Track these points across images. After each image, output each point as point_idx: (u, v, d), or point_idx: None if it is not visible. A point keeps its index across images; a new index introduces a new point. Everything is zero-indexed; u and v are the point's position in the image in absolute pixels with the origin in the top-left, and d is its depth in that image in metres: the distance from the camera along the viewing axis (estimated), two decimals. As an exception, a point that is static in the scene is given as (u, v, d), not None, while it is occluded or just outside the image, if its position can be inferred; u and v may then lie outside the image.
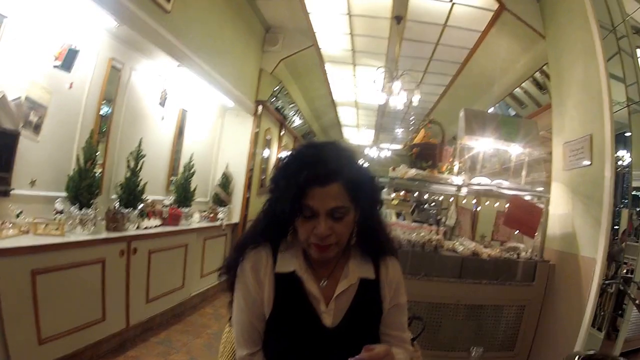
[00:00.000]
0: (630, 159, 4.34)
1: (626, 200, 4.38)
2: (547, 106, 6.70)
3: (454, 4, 6.48)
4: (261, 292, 1.61)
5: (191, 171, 6.26)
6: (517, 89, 8.23)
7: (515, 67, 7.73)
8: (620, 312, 4.22)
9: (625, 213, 4.33)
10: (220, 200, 7.61)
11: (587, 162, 4.45)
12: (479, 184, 4.95)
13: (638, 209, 4.50)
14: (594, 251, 4.18)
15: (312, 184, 1.48)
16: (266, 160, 9.66)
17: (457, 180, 4.92)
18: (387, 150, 17.22)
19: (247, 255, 1.66)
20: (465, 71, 8.99)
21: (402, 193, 10.22)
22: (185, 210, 5.94)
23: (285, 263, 1.64)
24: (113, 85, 4.74)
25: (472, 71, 8.80)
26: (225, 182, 7.77)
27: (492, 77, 8.51)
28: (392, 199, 10.03)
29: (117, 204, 4.57)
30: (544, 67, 6.70)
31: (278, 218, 1.59)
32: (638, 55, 4.44)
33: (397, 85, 7.84)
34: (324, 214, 1.49)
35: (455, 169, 5.11)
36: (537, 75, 7.28)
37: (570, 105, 4.91)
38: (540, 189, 5.08)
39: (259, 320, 1.61)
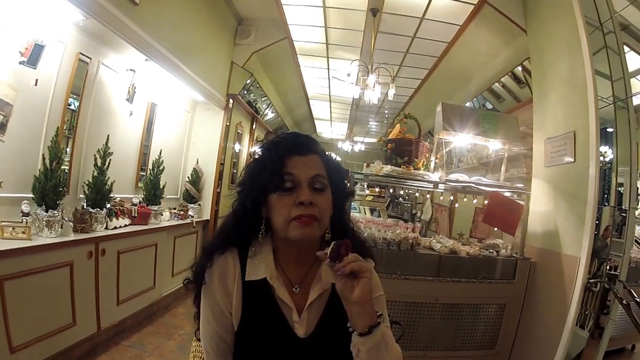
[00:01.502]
0: (612, 155, 4.29)
1: (606, 197, 4.33)
2: (526, 101, 6.67)
3: (432, -4, 6.40)
4: (229, 303, 1.52)
5: (160, 168, 6.10)
6: (495, 83, 8.18)
7: (495, 61, 7.68)
8: (605, 310, 4.19)
9: (607, 210, 4.27)
10: (191, 196, 7.47)
11: (570, 159, 4.39)
12: (456, 181, 4.85)
13: (620, 206, 4.43)
14: (577, 249, 4.14)
15: (292, 153, 1.50)
16: (237, 155, 9.56)
17: (434, 177, 4.81)
18: (360, 144, 17.17)
19: (213, 263, 1.56)
20: (442, 65, 8.93)
21: (376, 189, 10.19)
22: (154, 208, 5.78)
23: (255, 270, 1.54)
24: (80, 80, 4.56)
25: (450, 65, 8.75)
26: (196, 177, 7.61)
27: (470, 71, 8.52)
28: (367, 195, 10.00)
29: (84, 204, 4.41)
30: (524, 62, 6.67)
31: (248, 216, 1.55)
32: (625, 51, 4.37)
33: (371, 79, 7.76)
34: (306, 182, 1.47)
35: (432, 165, 5.00)
36: (517, 69, 7.23)
37: (552, 101, 4.85)
38: (521, 185, 5.02)
39: (227, 333, 1.52)
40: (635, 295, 3.85)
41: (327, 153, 1.64)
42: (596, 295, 4.17)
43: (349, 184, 1.76)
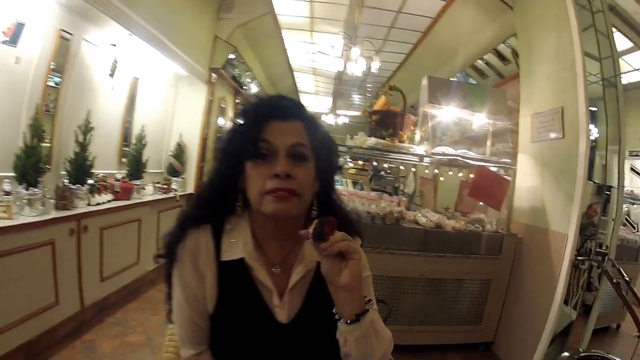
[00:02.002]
0: (597, 135, 4.29)
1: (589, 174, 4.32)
2: (510, 77, 6.70)
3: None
4: (202, 285, 1.38)
5: (142, 142, 6.04)
6: (479, 60, 8.18)
7: (480, 37, 7.61)
8: (593, 288, 4.21)
9: (590, 188, 4.27)
10: (174, 170, 7.40)
11: (557, 135, 4.39)
12: (442, 154, 4.83)
13: (606, 184, 4.45)
14: (564, 226, 4.13)
15: (271, 117, 1.36)
16: (221, 129, 9.41)
17: (419, 149, 4.79)
18: (344, 117, 17.16)
19: (185, 240, 1.42)
20: (427, 40, 8.90)
21: (360, 162, 10.14)
22: (137, 183, 5.69)
23: (231, 248, 1.40)
24: (62, 57, 4.45)
25: (435, 41, 8.71)
26: (179, 152, 7.54)
27: (455, 47, 8.44)
28: (350, 168, 9.95)
29: (66, 181, 4.34)
30: (509, 40, 6.66)
31: (224, 186, 1.42)
32: (613, 31, 4.36)
33: (355, 51, 7.72)
34: (284, 151, 1.33)
35: (417, 138, 4.98)
36: (501, 47, 7.22)
37: (540, 76, 4.83)
38: (507, 160, 5.00)
39: (201, 318, 1.39)
40: (625, 274, 3.87)
41: (315, 119, 1.48)
42: (583, 272, 4.19)
43: (336, 156, 1.59)
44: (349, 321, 1.27)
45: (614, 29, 4.39)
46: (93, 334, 4.29)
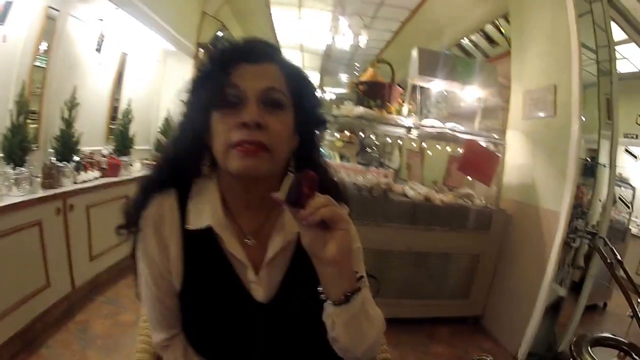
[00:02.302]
0: (584, 119, 4.32)
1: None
2: (497, 57, 6.64)
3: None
4: (167, 258, 1.21)
5: (129, 117, 5.97)
6: (466, 41, 8.15)
7: (469, 16, 7.56)
8: (584, 267, 4.24)
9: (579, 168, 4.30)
10: (162, 146, 7.28)
11: (549, 113, 4.40)
12: (432, 127, 4.81)
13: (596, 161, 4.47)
14: (556, 204, 4.16)
15: (240, 59, 1.15)
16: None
17: (408, 121, 4.76)
18: (331, 93, 17.11)
19: (147, 207, 1.24)
20: (416, 18, 8.80)
21: (347, 133, 10.08)
22: (124, 159, 5.62)
23: (197, 215, 1.22)
24: (49, 34, 4.34)
25: (424, 18, 8.62)
26: (167, 127, 7.37)
27: (444, 25, 8.40)
28: (337, 140, 9.86)
29: (53, 159, 4.26)
30: (497, 21, 6.62)
31: (189, 143, 1.21)
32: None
33: (343, 22, 7.67)
34: (255, 96, 1.12)
35: (405, 110, 4.95)
36: (489, 28, 7.18)
37: (532, 54, 4.82)
38: (496, 136, 5.00)
39: (169, 297, 1.24)
40: (617, 254, 3.88)
41: (291, 61, 1.27)
42: (572, 250, 4.21)
43: (319, 106, 1.34)
44: (337, 302, 1.10)
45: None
46: (85, 314, 4.26)
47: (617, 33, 4.61)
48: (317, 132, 1.34)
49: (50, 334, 3.81)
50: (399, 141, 6.39)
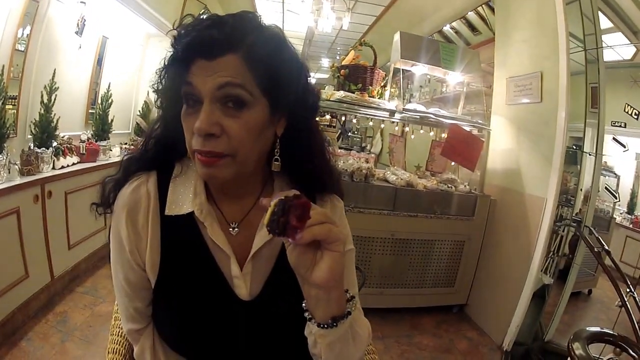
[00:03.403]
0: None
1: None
2: (479, 44, 6.63)
3: None
4: (141, 250, 1.14)
5: (109, 101, 5.85)
6: (448, 28, 8.11)
7: (453, 3, 7.51)
8: (570, 255, 4.24)
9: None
10: (142, 130, 7.11)
11: (535, 99, 4.38)
12: (414, 110, 4.77)
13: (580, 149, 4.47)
14: (542, 190, 4.16)
15: (196, 55, 1.01)
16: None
17: (390, 105, 4.71)
18: (312, 79, 17.16)
19: (122, 192, 1.17)
20: (398, 3, 8.72)
21: (327, 116, 10.02)
22: (103, 144, 5.53)
23: (178, 200, 1.15)
24: (30, 18, 4.22)
25: (406, 3, 8.56)
26: (147, 110, 7.29)
27: (427, 11, 8.35)
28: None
29: (31, 145, 4.17)
30: (481, 8, 6.60)
31: (169, 127, 1.15)
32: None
33: (326, 5, 7.61)
34: (209, 98, 1.00)
35: (387, 94, 4.91)
36: (471, 16, 7.14)
37: (517, 40, 4.79)
38: (480, 121, 4.97)
39: (138, 291, 1.17)
40: (604, 243, 3.90)
41: (264, 38, 1.08)
42: (557, 238, 4.21)
43: (310, 90, 1.20)
44: (321, 324, 1.01)
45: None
46: (64, 305, 4.22)
47: (603, 22, 4.60)
48: (305, 116, 1.20)
49: (30, 325, 3.78)
50: (381, 125, 6.36)
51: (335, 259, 0.94)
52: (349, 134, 10.06)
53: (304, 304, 1.04)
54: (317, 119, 1.29)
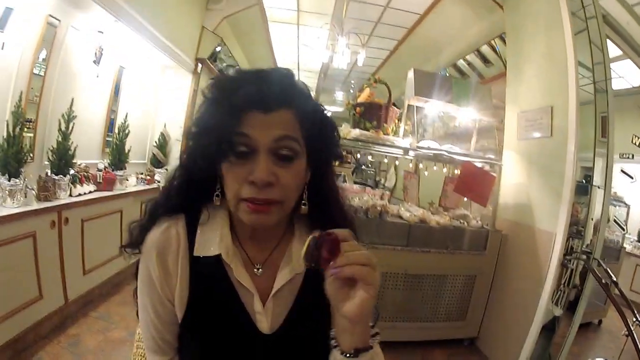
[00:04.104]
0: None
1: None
2: (492, 78, 6.70)
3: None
4: (170, 287, 1.20)
5: (125, 132, 5.93)
6: (461, 61, 8.21)
7: (466, 35, 7.67)
8: (579, 287, 4.24)
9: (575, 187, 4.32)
10: (158, 161, 7.35)
11: (545, 134, 4.41)
12: (428, 148, 4.82)
13: (590, 183, 4.48)
14: (552, 224, 4.17)
15: (252, 107, 1.08)
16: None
17: (404, 143, 4.77)
18: (327, 112, 17.21)
19: (152, 233, 1.22)
20: (412, 37, 8.90)
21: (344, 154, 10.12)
22: (119, 173, 5.60)
23: (206, 243, 1.21)
24: (48, 44, 4.36)
25: (420, 37, 8.70)
26: (163, 142, 7.48)
27: (440, 44, 8.52)
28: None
29: (48, 172, 4.25)
30: (493, 41, 6.68)
31: (200, 173, 1.17)
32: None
33: (342, 42, 7.71)
34: (266, 149, 1.08)
35: (401, 131, 4.96)
36: (484, 48, 7.25)
37: (529, 75, 4.85)
38: (492, 156, 5.00)
39: (167, 324, 1.22)
40: (612, 275, 3.90)
41: (311, 100, 1.21)
42: (567, 271, 4.21)
43: (337, 142, 1.29)
44: (345, 353, 1.09)
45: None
46: (77, 328, 4.25)
47: (612, 50, 4.65)
48: (330, 164, 1.31)
49: (42, 345, 3.81)
50: (396, 161, 6.41)
51: (367, 298, 1.01)
52: (363, 167, 10.14)
53: (332, 332, 1.12)
54: None
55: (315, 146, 1.18)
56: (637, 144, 4.50)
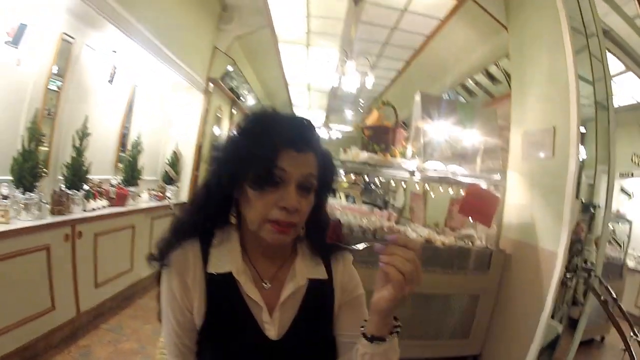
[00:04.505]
0: (585, 156, 4.39)
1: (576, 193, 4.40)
2: (500, 98, 6.78)
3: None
4: (190, 299, 1.36)
5: (138, 149, 6.08)
6: (469, 79, 8.30)
7: (472, 56, 7.75)
8: (578, 303, 4.28)
9: (577, 206, 4.35)
10: (170, 178, 7.46)
11: (548, 154, 4.48)
12: (434, 170, 4.91)
13: (592, 203, 4.53)
14: (553, 243, 4.21)
15: (288, 146, 1.28)
16: (216, 138, 9.47)
17: (411, 165, 4.86)
18: (336, 131, 17.22)
19: (173, 253, 1.39)
20: (420, 58, 9.01)
21: (352, 176, 10.20)
22: (132, 189, 5.73)
23: (220, 261, 1.38)
24: (63, 61, 4.49)
25: (427, 58, 8.82)
26: (175, 159, 7.61)
27: (447, 65, 8.58)
28: (342, 182, 10.00)
29: (62, 186, 4.38)
30: (499, 61, 6.78)
31: (221, 194, 1.37)
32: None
33: (350, 65, 7.81)
34: (296, 182, 1.28)
35: (409, 153, 5.06)
36: (492, 67, 7.35)
37: (532, 96, 4.93)
38: (497, 177, 5.08)
39: (187, 331, 1.37)
40: (612, 292, 3.95)
41: (324, 147, 1.44)
42: (569, 288, 4.26)
43: (336, 178, 1.54)
44: (366, 337, 1.24)
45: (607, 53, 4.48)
46: (88, 339, 4.33)
47: (615, 65, 4.70)
48: (328, 194, 1.51)
49: (52, 354, 3.90)
50: (403, 183, 6.48)
51: (389, 296, 1.16)
52: (372, 185, 10.18)
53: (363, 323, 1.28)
54: (344, 178, 1.62)
55: (322, 182, 1.39)
56: (637, 162, 4.54)
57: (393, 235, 1.19)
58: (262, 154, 1.27)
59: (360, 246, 1.30)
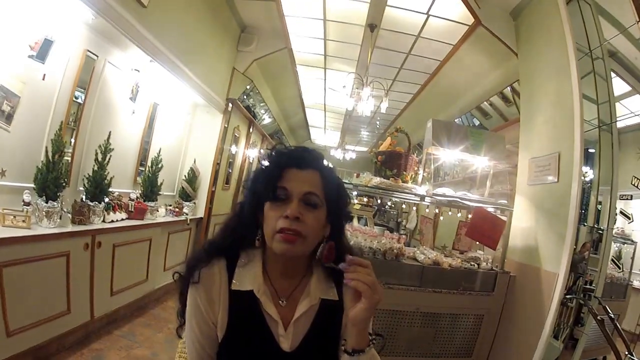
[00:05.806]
0: (592, 176, 4.50)
1: (584, 213, 4.49)
2: (513, 120, 6.84)
3: (429, 16, 6.59)
4: (214, 312, 1.51)
5: (158, 165, 6.24)
6: (485, 104, 8.40)
7: (485, 81, 7.89)
8: (579, 324, 4.37)
9: (584, 227, 4.47)
10: (187, 194, 7.61)
11: (553, 179, 4.59)
12: (443, 195, 5.03)
13: (598, 225, 4.62)
14: (555, 266, 4.32)
15: (290, 165, 1.51)
16: (233, 156, 9.70)
17: (421, 190, 4.98)
18: (352, 152, 17.30)
19: (202, 271, 1.54)
20: (433, 82, 9.15)
21: (365, 199, 10.36)
22: (151, 204, 5.89)
23: (242, 280, 1.53)
24: (86, 76, 4.66)
25: (441, 82, 8.96)
26: (192, 176, 7.76)
27: (460, 89, 8.74)
28: (355, 204, 10.14)
29: (83, 197, 4.55)
30: (513, 84, 6.86)
31: (248, 220, 1.56)
32: (612, 77, 4.57)
33: (366, 91, 7.92)
34: (298, 197, 1.46)
35: (420, 178, 5.19)
36: (505, 89, 7.44)
37: (539, 122, 5.06)
38: (504, 201, 5.19)
39: (208, 341, 1.52)
40: (610, 312, 4.02)
41: (331, 170, 1.61)
42: (571, 309, 4.35)
43: (347, 205, 1.69)
44: (347, 352, 1.43)
45: (613, 74, 4.59)
46: (101, 343, 4.46)
47: (622, 87, 4.78)
48: (342, 221, 1.67)
49: (64, 356, 4.05)
50: (413, 207, 6.61)
51: (363, 308, 1.39)
52: (385, 207, 10.31)
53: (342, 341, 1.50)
54: (356, 200, 1.78)
55: (332, 204, 1.56)
56: (637, 185, 4.62)
57: (348, 257, 1.43)
58: (270, 173, 1.51)
59: (341, 266, 1.42)
